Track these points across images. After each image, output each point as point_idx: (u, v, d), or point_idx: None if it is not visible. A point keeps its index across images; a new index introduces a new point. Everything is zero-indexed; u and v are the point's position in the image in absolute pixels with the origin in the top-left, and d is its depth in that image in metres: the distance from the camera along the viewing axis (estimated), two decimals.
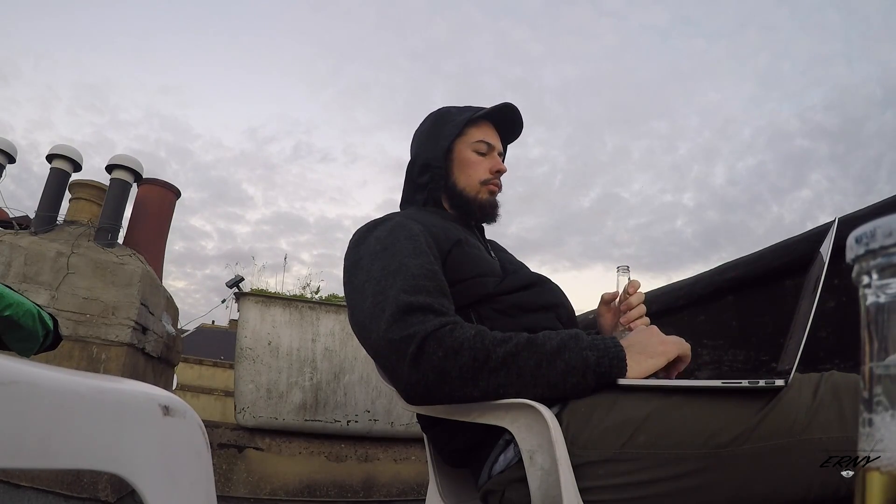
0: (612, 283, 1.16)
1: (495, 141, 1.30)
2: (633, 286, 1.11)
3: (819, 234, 1.59)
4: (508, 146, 1.40)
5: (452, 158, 1.27)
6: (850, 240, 0.27)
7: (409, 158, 1.35)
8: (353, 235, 1.16)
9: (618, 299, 1.15)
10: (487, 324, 1.03)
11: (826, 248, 0.88)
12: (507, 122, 1.33)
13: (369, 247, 1.07)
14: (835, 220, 1.00)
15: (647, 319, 1.10)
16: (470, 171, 1.27)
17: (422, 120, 1.37)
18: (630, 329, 1.07)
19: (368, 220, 1.19)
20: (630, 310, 1.10)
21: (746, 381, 0.77)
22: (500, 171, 1.28)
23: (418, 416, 1.13)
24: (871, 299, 0.26)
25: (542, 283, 1.18)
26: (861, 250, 0.26)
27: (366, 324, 0.96)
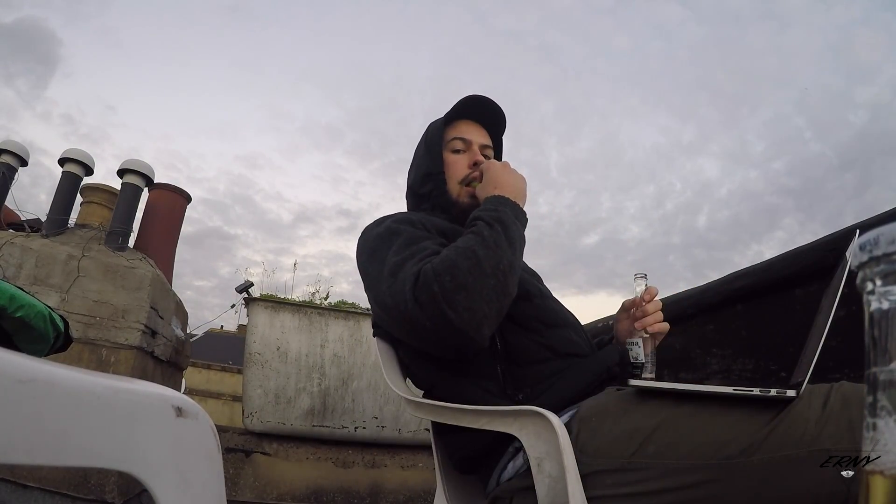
0: (615, 306, 1.14)
1: (472, 135, 1.26)
2: (649, 293, 1.08)
3: (829, 242, 1.57)
4: (503, 143, 1.35)
5: (444, 167, 1.25)
6: (855, 247, 0.27)
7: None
8: (361, 235, 1.16)
9: (634, 305, 1.12)
10: (509, 339, 1.04)
11: (850, 256, 0.86)
12: (489, 115, 1.29)
13: (371, 239, 1.10)
14: (856, 230, 0.98)
15: (665, 325, 1.08)
16: (451, 173, 1.24)
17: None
18: (647, 333, 1.06)
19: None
20: (646, 316, 1.07)
21: (758, 389, 0.76)
22: (479, 163, 1.22)
23: (431, 422, 1.13)
24: (874, 305, 0.26)
25: (543, 297, 1.15)
26: (865, 257, 0.26)
27: (387, 303, 0.98)
